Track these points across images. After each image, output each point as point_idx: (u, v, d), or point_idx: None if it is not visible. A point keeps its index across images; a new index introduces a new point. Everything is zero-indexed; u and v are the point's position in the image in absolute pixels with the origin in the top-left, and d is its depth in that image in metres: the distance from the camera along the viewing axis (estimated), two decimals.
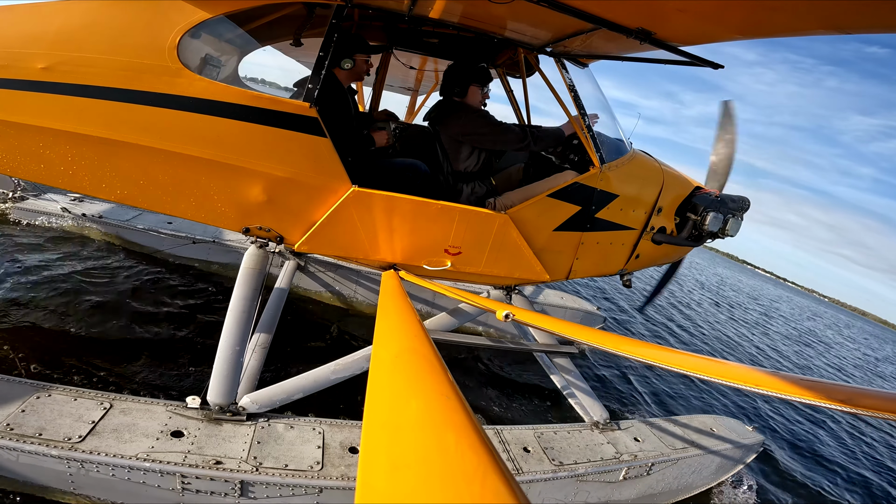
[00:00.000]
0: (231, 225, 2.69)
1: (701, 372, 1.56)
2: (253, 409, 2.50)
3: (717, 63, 2.66)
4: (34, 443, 1.98)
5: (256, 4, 2.47)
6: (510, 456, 2.79)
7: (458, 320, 3.52)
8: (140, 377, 3.16)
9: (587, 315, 6.19)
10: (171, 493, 2.11)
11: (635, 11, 2.20)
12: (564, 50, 3.12)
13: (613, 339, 2.13)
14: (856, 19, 1.61)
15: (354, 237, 2.78)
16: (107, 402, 2.29)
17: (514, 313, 2.11)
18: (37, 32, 2.16)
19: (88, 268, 4.32)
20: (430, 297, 5.18)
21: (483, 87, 3.24)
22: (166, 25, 2.23)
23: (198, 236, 4.92)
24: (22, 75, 2.14)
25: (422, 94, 7.02)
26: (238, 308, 2.76)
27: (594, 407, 3.47)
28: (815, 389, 1.34)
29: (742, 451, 3.79)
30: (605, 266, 3.62)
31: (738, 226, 3.64)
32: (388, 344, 1.60)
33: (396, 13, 2.78)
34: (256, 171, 2.48)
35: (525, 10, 2.33)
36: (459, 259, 2.99)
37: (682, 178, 3.71)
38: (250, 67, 3.37)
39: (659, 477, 3.24)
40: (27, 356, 3.02)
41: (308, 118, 2.41)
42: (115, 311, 3.80)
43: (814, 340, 19.35)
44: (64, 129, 2.23)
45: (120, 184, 2.44)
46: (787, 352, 13.44)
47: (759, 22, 1.95)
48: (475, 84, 3.16)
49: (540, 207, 3.03)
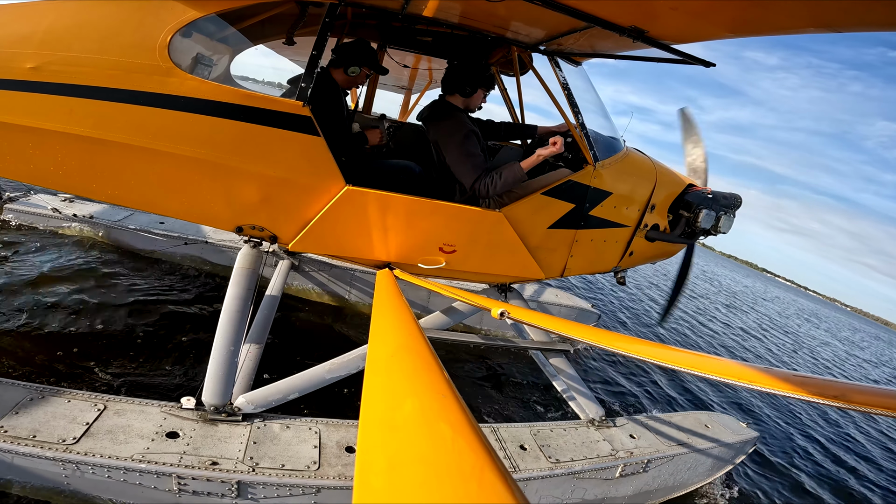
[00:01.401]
0: (224, 224, 2.68)
1: (695, 368, 1.57)
2: (248, 409, 2.49)
3: (709, 61, 2.68)
4: (28, 445, 1.97)
5: (248, 3, 2.45)
6: (507, 454, 2.80)
7: (453, 319, 3.53)
8: (134, 378, 3.13)
9: (582, 312, 6.21)
10: (168, 494, 2.10)
11: (628, 10, 2.21)
12: (558, 48, 3.12)
13: (608, 336, 2.14)
14: (847, 17, 1.63)
15: (349, 236, 2.78)
16: (101, 403, 2.28)
17: (509, 311, 2.11)
18: (26, 32, 2.14)
19: (79, 268, 4.27)
20: (426, 295, 5.18)
21: (487, 92, 3.25)
22: (157, 24, 2.21)
23: (190, 236, 4.89)
24: (11, 75, 2.12)
25: (415, 92, 7.01)
26: (232, 308, 2.75)
27: (590, 404, 3.48)
28: (807, 386, 1.35)
29: (737, 447, 3.82)
30: (599, 263, 3.64)
31: (731, 223, 3.68)
32: (383, 342, 1.60)
33: (390, 11, 2.78)
34: (249, 171, 2.46)
35: (519, 8, 2.34)
36: (454, 257, 2.99)
37: (675, 176, 3.74)
38: (243, 66, 3.36)
39: (655, 474, 3.26)
40: (19, 358, 2.99)
41: (301, 117, 2.40)
42: (108, 312, 3.77)
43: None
44: (54, 129, 2.20)
45: (111, 184, 2.42)
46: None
47: (751, 20, 1.97)
48: (483, 88, 3.17)
49: (534, 205, 3.04)
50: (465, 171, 2.94)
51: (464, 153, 2.93)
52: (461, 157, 2.94)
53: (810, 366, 13.01)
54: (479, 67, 3.14)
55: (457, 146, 2.95)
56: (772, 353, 12.15)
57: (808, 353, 15.36)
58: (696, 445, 3.51)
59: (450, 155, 2.99)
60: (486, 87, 3.19)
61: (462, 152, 2.94)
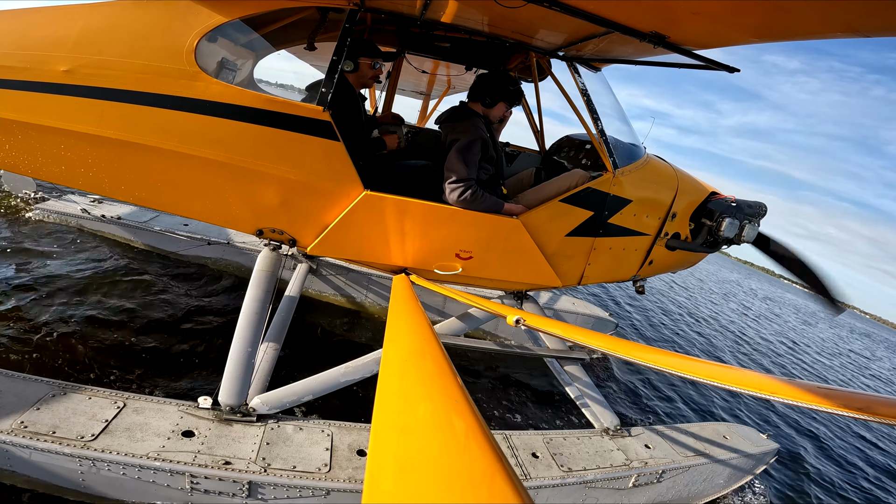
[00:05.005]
0: (245, 227, 2.72)
1: (715, 379, 1.53)
2: (263, 410, 2.51)
3: (733, 66, 2.62)
4: (47, 441, 2.01)
5: (271, 8, 2.50)
6: (518, 461, 2.77)
7: (468, 325, 3.51)
8: (153, 376, 3.19)
9: (599, 321, 6.13)
10: (180, 492, 2.12)
11: (649, 15, 2.18)
12: (577, 54, 3.11)
13: (625, 346, 2.11)
14: (873, 21, 1.58)
15: (366, 241, 2.79)
16: (120, 400, 2.33)
17: (525, 319, 2.10)
18: (59, 35, 2.21)
19: (105, 268, 4.39)
20: (441, 301, 5.18)
21: (510, 106, 3.22)
22: (184, 29, 2.27)
23: (213, 238, 4.99)
24: (44, 78, 2.20)
25: (433, 98, 7.05)
26: (251, 310, 2.78)
27: (604, 413, 3.43)
28: (832, 398, 1.30)
29: (755, 459, 3.72)
30: (617, 272, 3.59)
31: (755, 232, 3.59)
32: (398, 347, 1.60)
33: (408, 17, 2.80)
34: (271, 174, 2.50)
35: (537, 13, 2.33)
36: (471, 264, 2.98)
37: (697, 184, 3.67)
38: (265, 71, 3.42)
39: (669, 484, 3.19)
40: (43, 355, 3.08)
41: (322, 122, 2.43)
42: (131, 311, 3.85)
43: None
44: (85, 131, 2.28)
45: (138, 186, 2.49)
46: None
47: (774, 24, 1.93)
48: (505, 102, 3.14)
49: (552, 212, 3.02)
50: (449, 174, 2.88)
51: (456, 157, 2.90)
52: (454, 159, 2.91)
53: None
54: (505, 80, 3.12)
55: (455, 150, 2.93)
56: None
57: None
58: (714, 456, 3.43)
59: (448, 156, 2.96)
60: (508, 101, 3.16)
61: (455, 156, 2.91)
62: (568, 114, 3.31)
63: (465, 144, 2.90)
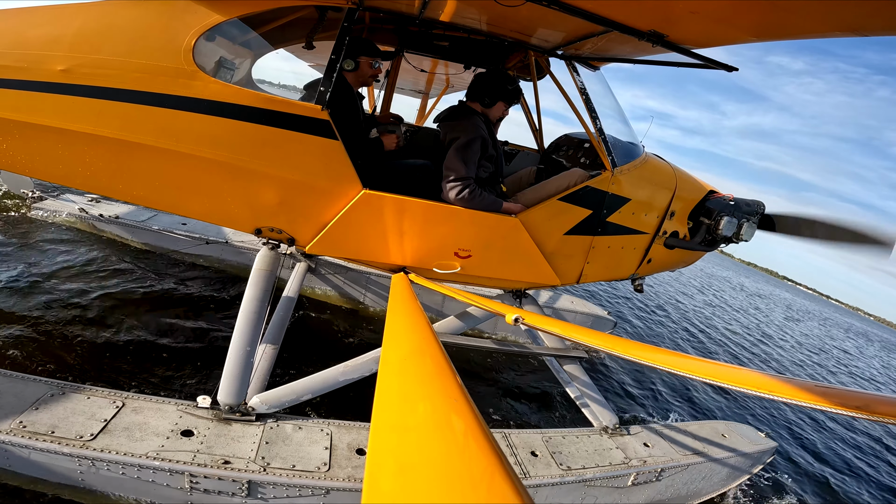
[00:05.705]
0: (243, 226, 2.71)
1: (714, 378, 1.54)
2: (262, 409, 2.51)
3: (731, 66, 2.63)
4: (46, 440, 2.01)
5: (269, 7, 2.50)
6: (517, 460, 2.78)
7: (467, 324, 3.51)
8: (152, 376, 3.19)
9: (598, 319, 6.14)
10: (180, 492, 2.12)
11: (647, 14, 2.18)
12: (575, 52, 3.10)
13: (623, 344, 2.11)
14: (872, 21, 1.58)
15: (365, 239, 2.79)
16: (119, 400, 2.32)
17: (524, 317, 2.09)
18: (56, 34, 2.20)
19: (103, 268, 4.38)
20: (440, 300, 5.18)
21: (508, 106, 3.22)
22: (182, 28, 2.26)
23: (211, 237, 4.98)
24: (42, 77, 2.18)
25: (432, 97, 7.04)
26: (249, 309, 2.78)
27: (603, 411, 3.44)
28: (830, 396, 1.31)
29: (754, 457, 3.74)
30: (616, 270, 3.59)
31: (753, 231, 3.60)
32: (397, 346, 1.60)
33: (407, 16, 2.80)
34: (269, 174, 2.49)
35: (536, 12, 2.33)
36: (470, 262, 2.98)
37: (696, 182, 3.68)
38: (263, 70, 3.41)
39: (668, 482, 3.20)
40: (42, 355, 3.07)
41: (320, 121, 2.42)
42: (129, 310, 3.85)
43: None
44: (82, 130, 2.26)
45: (136, 185, 2.48)
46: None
47: (773, 24, 1.93)
48: (504, 101, 3.14)
49: (550, 211, 3.02)
50: (447, 174, 2.88)
51: (455, 156, 2.89)
52: (453, 158, 2.90)
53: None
54: (504, 79, 3.11)
55: (454, 149, 2.91)
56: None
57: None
58: (712, 455, 3.44)
59: (447, 155, 2.95)
60: (507, 100, 3.15)
61: (454, 155, 2.90)
62: (567, 113, 3.32)
63: (464, 143, 2.89)
